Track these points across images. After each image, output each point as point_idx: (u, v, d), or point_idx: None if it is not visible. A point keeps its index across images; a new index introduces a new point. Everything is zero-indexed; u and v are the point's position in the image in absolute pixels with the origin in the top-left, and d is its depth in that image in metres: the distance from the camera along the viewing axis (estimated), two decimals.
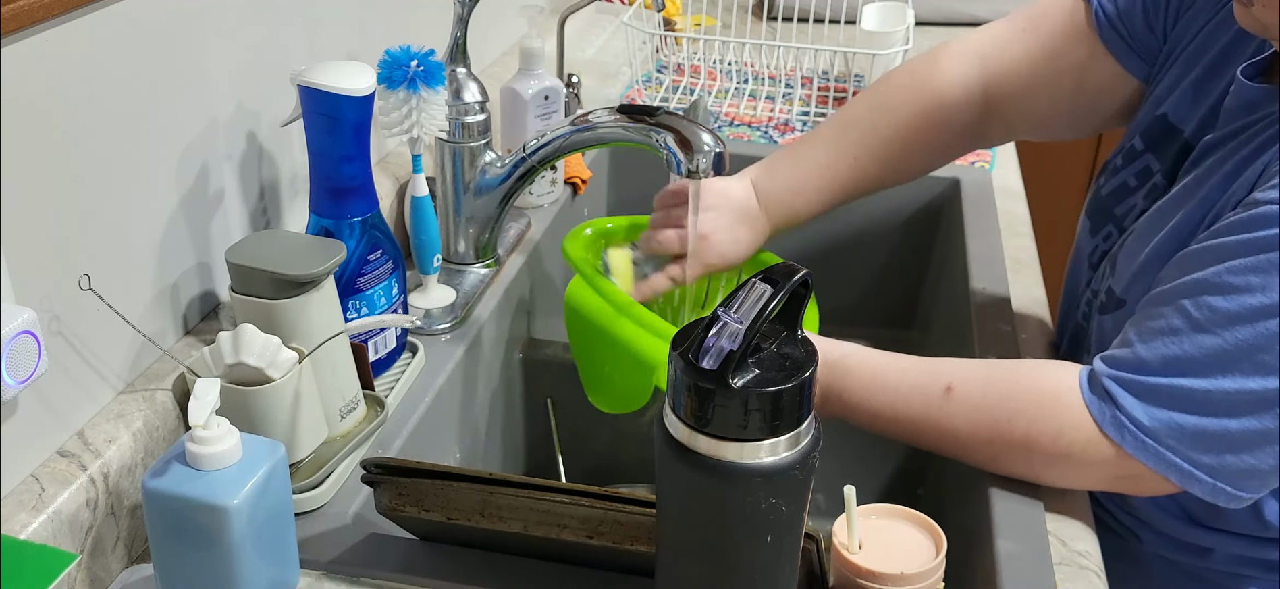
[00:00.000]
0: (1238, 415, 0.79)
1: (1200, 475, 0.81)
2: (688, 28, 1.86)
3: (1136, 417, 0.81)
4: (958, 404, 0.88)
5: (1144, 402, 0.81)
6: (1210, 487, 0.82)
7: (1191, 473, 0.81)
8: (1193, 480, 0.82)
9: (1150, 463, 0.82)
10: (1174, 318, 0.81)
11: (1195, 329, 0.80)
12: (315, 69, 0.91)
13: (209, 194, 0.95)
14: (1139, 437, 0.81)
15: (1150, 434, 0.81)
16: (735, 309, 0.59)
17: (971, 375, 0.89)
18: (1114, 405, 0.82)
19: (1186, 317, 0.81)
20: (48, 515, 0.74)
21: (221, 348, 0.80)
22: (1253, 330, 0.78)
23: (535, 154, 1.09)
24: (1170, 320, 0.82)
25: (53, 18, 0.75)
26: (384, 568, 0.80)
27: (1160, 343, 0.81)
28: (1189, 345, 0.80)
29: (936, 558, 0.74)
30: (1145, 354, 0.82)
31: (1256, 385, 0.78)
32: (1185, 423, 0.80)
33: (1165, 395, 0.81)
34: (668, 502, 0.65)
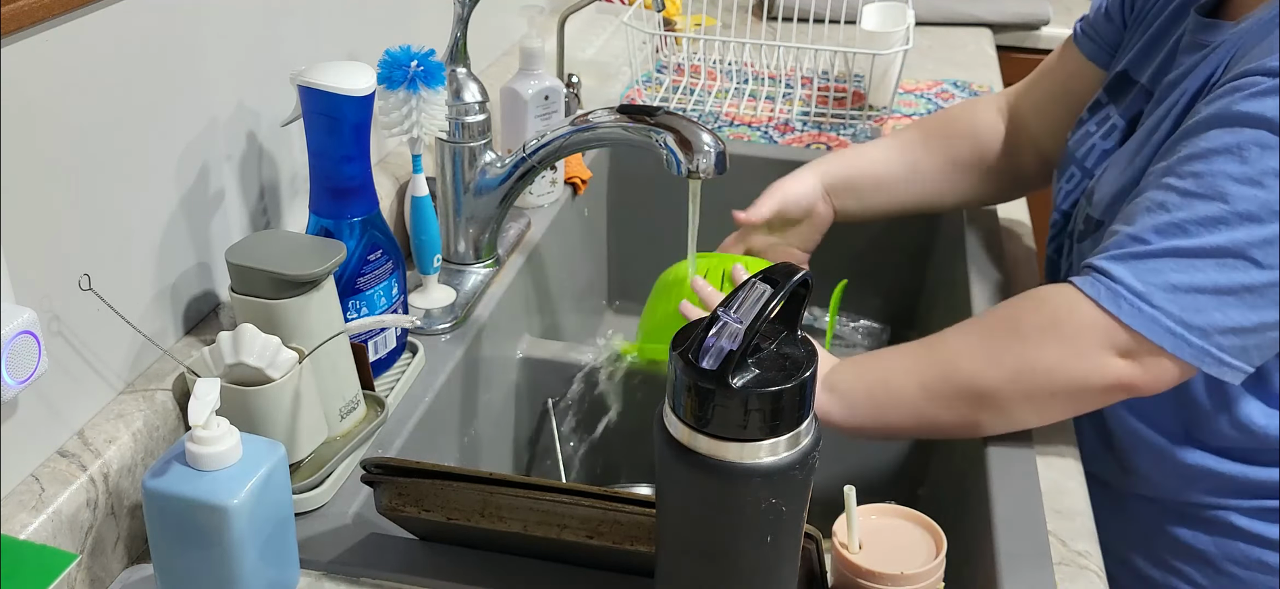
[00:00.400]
0: (1229, 268, 0.83)
1: (1191, 338, 0.84)
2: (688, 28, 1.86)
3: (1127, 281, 0.85)
4: (950, 335, 0.93)
5: (1138, 271, 0.85)
6: (1200, 350, 0.84)
7: (1182, 336, 0.84)
8: (1183, 344, 0.84)
9: (1143, 328, 0.84)
10: (1159, 194, 0.86)
11: (1182, 197, 0.85)
12: (315, 69, 0.91)
13: (209, 194, 0.95)
14: (1134, 303, 0.84)
15: (1144, 298, 0.84)
16: (735, 309, 0.59)
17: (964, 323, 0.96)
18: (1107, 278, 0.86)
19: (1171, 189, 0.86)
20: (48, 515, 0.74)
21: (221, 348, 0.80)
22: (1235, 182, 0.83)
23: (535, 154, 1.09)
24: (1155, 196, 0.86)
25: (53, 18, 0.75)
26: (384, 568, 0.80)
27: (1149, 217, 0.86)
28: (1178, 211, 0.84)
29: (936, 558, 0.74)
30: (1136, 230, 0.86)
31: (1242, 235, 0.82)
32: (1178, 281, 0.84)
33: (1158, 261, 0.84)
34: (668, 502, 0.65)
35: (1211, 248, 0.83)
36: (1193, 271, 0.84)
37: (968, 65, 1.85)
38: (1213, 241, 0.83)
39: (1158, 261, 0.84)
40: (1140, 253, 0.85)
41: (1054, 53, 1.24)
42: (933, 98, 1.70)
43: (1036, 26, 2.11)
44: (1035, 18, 2.09)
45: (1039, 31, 2.11)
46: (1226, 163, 0.83)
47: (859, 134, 1.56)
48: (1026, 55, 2.11)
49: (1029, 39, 2.12)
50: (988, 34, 2.04)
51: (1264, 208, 0.82)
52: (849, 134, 1.56)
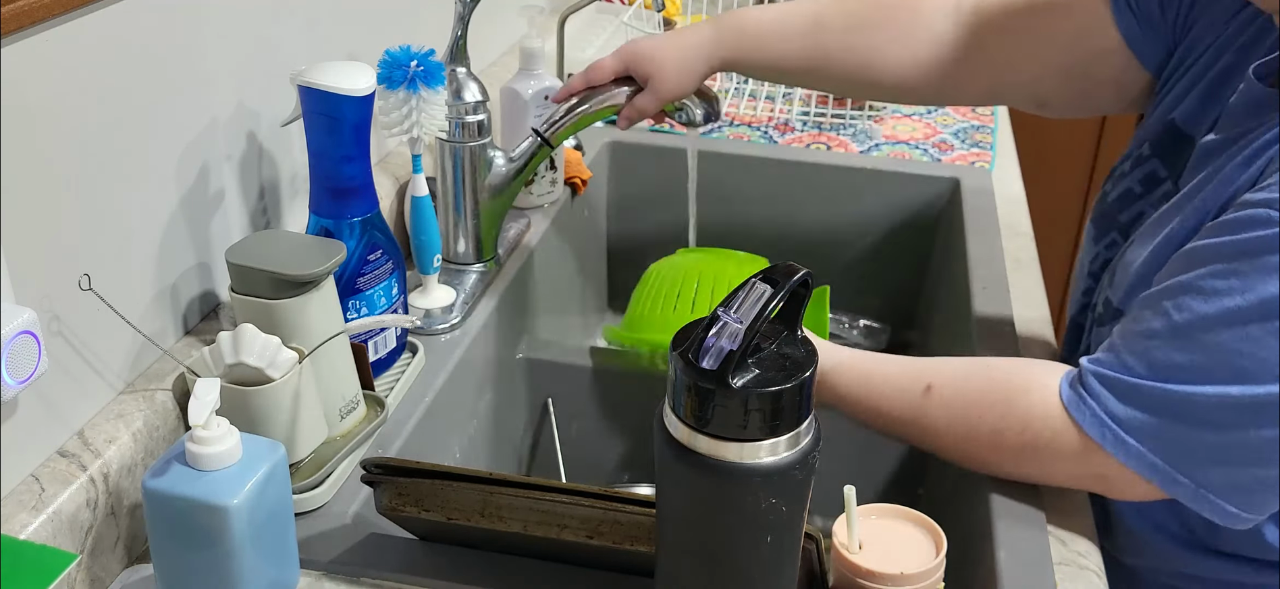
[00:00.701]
0: (1220, 426, 0.76)
1: (1182, 480, 0.79)
2: None
3: (1115, 412, 0.80)
4: (935, 403, 0.88)
5: (1124, 401, 0.79)
6: (1192, 492, 0.79)
7: (1173, 476, 0.79)
8: (1175, 484, 0.79)
9: (1129, 462, 0.79)
10: (1155, 321, 0.79)
11: (1174, 333, 0.78)
12: (315, 69, 0.91)
13: (209, 194, 0.95)
14: (1117, 434, 0.79)
15: (1130, 430, 0.79)
16: (735, 309, 0.59)
17: (951, 374, 0.90)
18: (1095, 401, 0.81)
19: (1167, 319, 0.78)
20: (48, 515, 0.74)
21: (221, 348, 0.80)
22: (1232, 334, 0.75)
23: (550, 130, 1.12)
24: (1151, 323, 0.79)
25: (53, 18, 0.75)
26: (384, 568, 0.80)
27: (1142, 345, 0.79)
28: (1171, 350, 0.78)
29: (936, 558, 0.74)
30: (1127, 357, 0.80)
31: (1236, 392, 0.75)
32: (1167, 429, 0.78)
33: (1146, 397, 0.79)
34: (668, 502, 0.65)
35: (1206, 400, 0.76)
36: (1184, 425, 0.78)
37: None
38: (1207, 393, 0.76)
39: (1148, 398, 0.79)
40: (1132, 386, 0.79)
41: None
42: None
43: None
44: None
45: None
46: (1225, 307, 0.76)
47: (859, 134, 1.56)
48: None
49: None
50: None
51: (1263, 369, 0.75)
52: (849, 134, 1.56)
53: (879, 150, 1.52)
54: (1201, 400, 0.76)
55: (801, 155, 1.50)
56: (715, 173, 1.49)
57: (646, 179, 1.52)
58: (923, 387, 0.89)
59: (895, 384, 0.91)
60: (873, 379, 0.92)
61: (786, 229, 1.46)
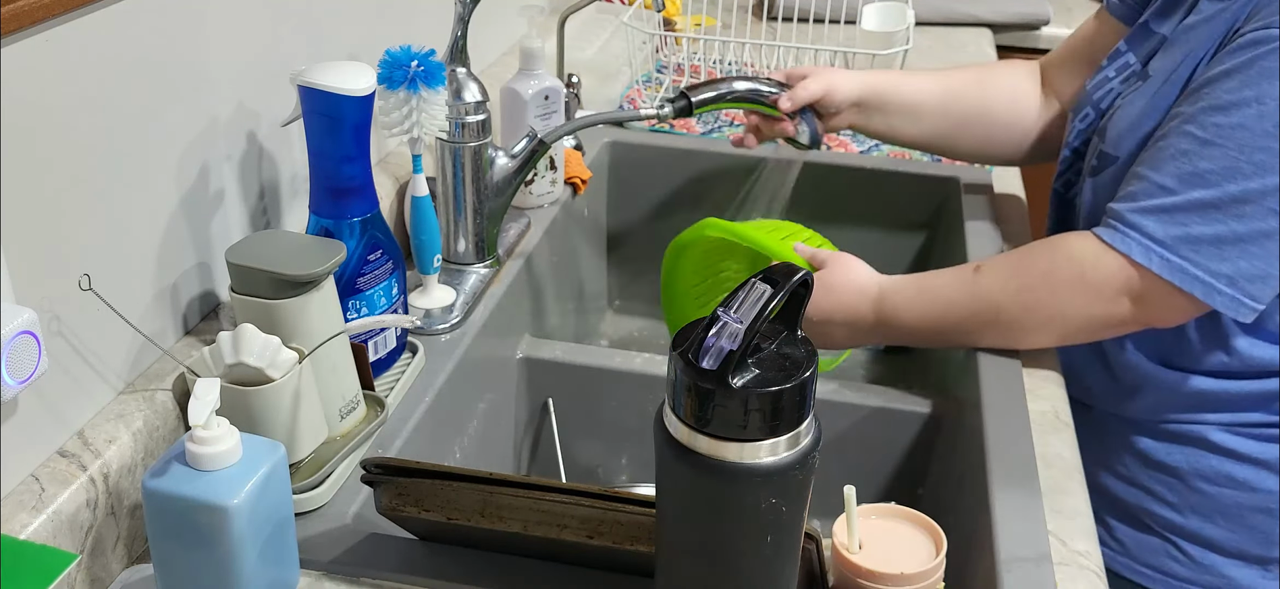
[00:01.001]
0: (1247, 217, 0.88)
1: (1219, 286, 0.90)
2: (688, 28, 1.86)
3: (1157, 235, 0.90)
4: (987, 273, 1.01)
5: (1163, 221, 0.90)
6: (1230, 298, 0.90)
7: (1211, 284, 0.90)
8: (1213, 292, 0.90)
9: (1175, 278, 0.90)
10: (1182, 142, 0.90)
11: (1202, 146, 0.89)
12: (315, 69, 0.91)
13: (209, 194, 0.95)
14: (1162, 254, 0.90)
15: (1171, 249, 0.90)
16: (735, 309, 0.59)
17: (999, 255, 1.03)
18: (1136, 231, 0.92)
19: (1193, 138, 0.90)
20: (48, 515, 0.74)
21: (221, 348, 0.80)
22: (1252, 138, 0.87)
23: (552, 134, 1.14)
24: (1177, 143, 0.91)
25: (53, 18, 0.75)
26: (384, 568, 0.80)
27: (1172, 164, 0.90)
28: (1200, 160, 0.89)
29: (936, 558, 0.74)
30: (1160, 179, 0.91)
31: (1256, 185, 0.87)
32: (1202, 232, 0.89)
33: (1182, 210, 0.89)
34: (668, 502, 0.65)
35: (1231, 196, 0.88)
36: (1215, 222, 0.89)
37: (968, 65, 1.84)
38: (1232, 190, 0.88)
39: (1183, 215, 0.89)
40: (1165, 205, 0.90)
41: (1087, 22, 1.25)
42: None
43: (1036, 26, 2.11)
44: (1035, 18, 2.09)
45: (1039, 31, 2.12)
46: (1244, 115, 0.87)
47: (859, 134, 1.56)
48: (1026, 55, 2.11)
49: (1029, 39, 2.12)
50: (988, 34, 2.04)
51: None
52: (849, 134, 1.56)
53: (879, 150, 1.52)
54: (1228, 198, 0.88)
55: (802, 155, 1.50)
56: (715, 173, 1.49)
57: (646, 179, 1.52)
58: (972, 268, 1.03)
59: (947, 278, 1.04)
60: (925, 283, 1.05)
61: None
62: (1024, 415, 0.99)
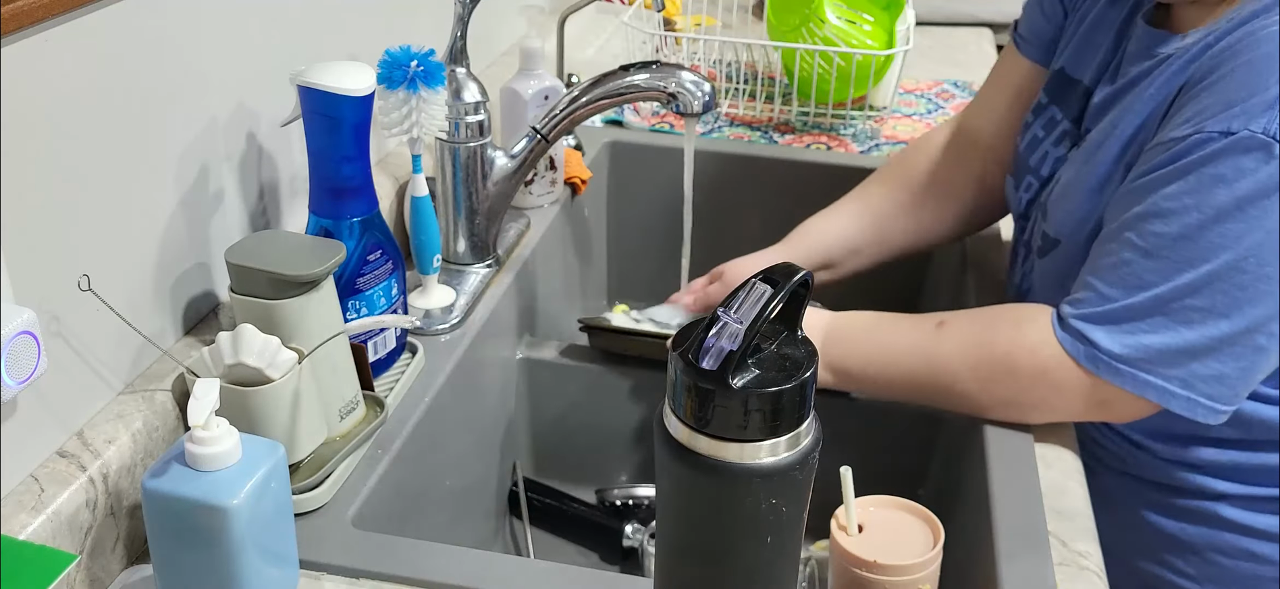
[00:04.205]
0: (1194, 324, 0.87)
1: (1174, 390, 0.88)
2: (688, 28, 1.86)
3: (1108, 347, 0.89)
4: (949, 333, 0.98)
5: (1111, 331, 0.89)
6: (1186, 400, 0.89)
7: (1166, 389, 0.88)
8: (1169, 396, 0.89)
9: (1128, 386, 0.89)
10: (1124, 252, 0.90)
11: (1145, 255, 0.88)
12: (315, 69, 0.91)
13: (209, 194, 0.95)
14: (1112, 364, 0.89)
15: (1122, 360, 0.89)
16: (735, 309, 0.59)
17: (961, 313, 1.01)
18: (1085, 341, 0.90)
19: (1134, 247, 0.89)
20: (47, 515, 0.74)
21: (221, 348, 0.80)
22: (1194, 245, 0.86)
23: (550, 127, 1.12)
24: (1120, 254, 0.90)
25: (53, 18, 0.75)
26: (384, 568, 0.80)
27: (1115, 275, 0.90)
28: (1141, 269, 0.88)
29: (934, 548, 0.74)
30: (1104, 289, 0.90)
31: (1204, 295, 0.86)
32: (1152, 342, 0.88)
33: (1128, 318, 0.89)
34: (667, 502, 0.64)
35: (1178, 309, 0.87)
36: (1165, 330, 0.88)
37: (968, 65, 1.85)
38: (1179, 304, 0.87)
39: (1129, 323, 0.89)
40: (1110, 312, 0.89)
41: (997, 61, 1.24)
42: (933, 98, 1.70)
43: None
44: None
45: None
46: (1185, 223, 0.86)
47: (859, 134, 1.56)
48: None
49: None
50: (988, 34, 2.04)
51: (1226, 266, 0.85)
52: (849, 134, 1.56)
53: (879, 150, 1.52)
54: (1176, 308, 0.87)
55: (801, 155, 1.50)
56: (715, 173, 1.49)
57: (646, 179, 1.52)
58: (935, 322, 0.99)
59: (904, 328, 1.00)
60: (879, 327, 1.02)
61: (787, 229, 1.46)
62: None
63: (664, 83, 1.07)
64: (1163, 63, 0.94)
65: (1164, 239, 0.87)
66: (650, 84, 1.08)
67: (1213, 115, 0.86)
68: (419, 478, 0.98)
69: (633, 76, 1.08)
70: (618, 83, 1.09)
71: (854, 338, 1.01)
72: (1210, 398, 0.88)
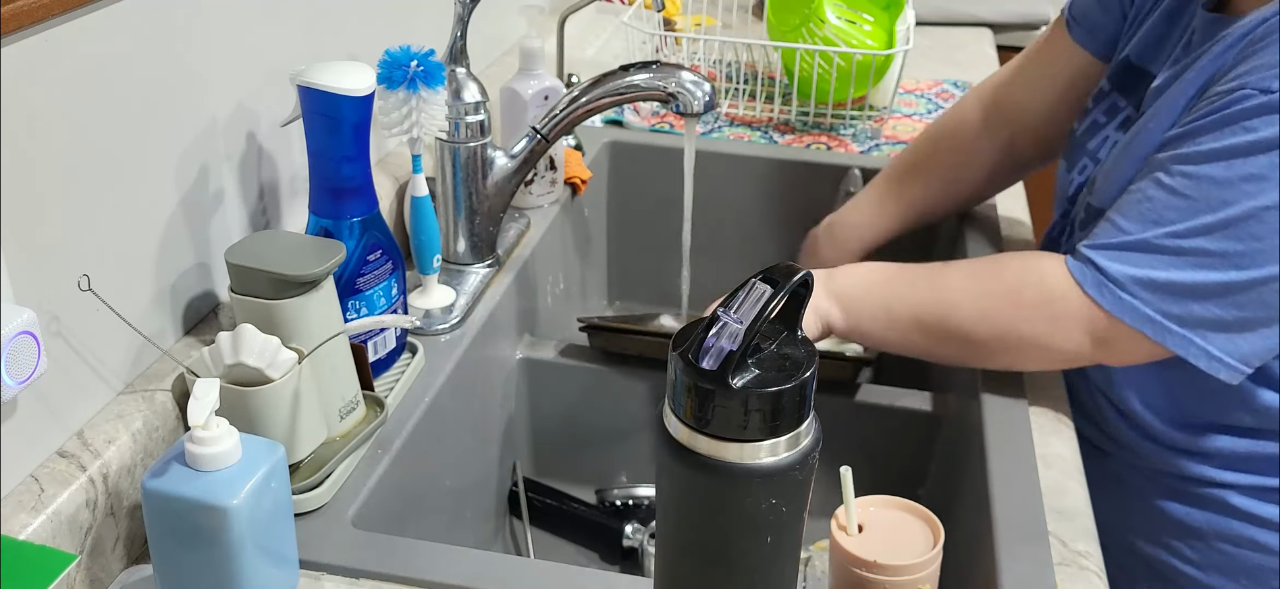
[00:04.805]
0: (1203, 266, 0.87)
1: (1171, 327, 0.89)
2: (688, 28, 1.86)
3: (1114, 272, 0.90)
4: (955, 266, 1.00)
5: (1121, 259, 0.90)
6: (1182, 339, 0.89)
7: (1165, 326, 0.89)
8: (1166, 333, 0.89)
9: (1127, 318, 0.90)
10: (1149, 189, 0.91)
11: (1169, 193, 0.89)
12: (315, 69, 0.91)
13: (209, 194, 0.95)
14: (1116, 293, 0.90)
15: (1125, 288, 0.90)
16: (735, 309, 0.59)
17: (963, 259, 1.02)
18: (1093, 267, 0.91)
19: (1159, 185, 0.90)
20: (47, 516, 0.74)
21: (221, 348, 0.80)
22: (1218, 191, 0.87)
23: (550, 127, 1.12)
24: (1146, 191, 0.91)
25: (53, 18, 0.75)
26: (384, 568, 0.80)
27: (1136, 210, 0.91)
28: (1162, 206, 0.89)
29: (934, 548, 0.74)
30: (1122, 222, 0.91)
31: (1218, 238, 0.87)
32: (1158, 276, 0.89)
33: (1141, 250, 0.89)
34: (667, 502, 0.64)
35: (1191, 248, 0.88)
36: (1172, 268, 0.88)
37: (968, 65, 1.85)
38: (1193, 243, 0.88)
39: (1139, 254, 0.89)
40: (1123, 243, 0.91)
41: (1041, 36, 1.25)
42: (933, 98, 1.70)
43: (1036, 26, 2.11)
44: (1035, 17, 2.09)
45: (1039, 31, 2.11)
46: (1213, 168, 0.87)
47: (859, 134, 1.56)
48: None
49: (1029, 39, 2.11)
50: (988, 34, 2.04)
51: (1245, 214, 0.86)
52: (849, 134, 1.56)
53: (879, 150, 1.52)
54: (1189, 246, 0.88)
55: (801, 155, 1.50)
56: (715, 173, 1.49)
57: (646, 179, 1.52)
58: (940, 265, 1.01)
59: (902, 278, 1.02)
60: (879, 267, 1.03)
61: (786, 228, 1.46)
62: (1024, 415, 0.99)
63: (664, 83, 1.07)
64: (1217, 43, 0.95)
65: (1189, 180, 0.88)
66: (650, 84, 1.08)
67: (1256, 73, 0.87)
68: (419, 478, 0.98)
69: (633, 76, 1.08)
70: (618, 83, 1.09)
71: (862, 285, 1.02)
72: (1208, 343, 0.89)
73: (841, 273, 1.04)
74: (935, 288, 1.00)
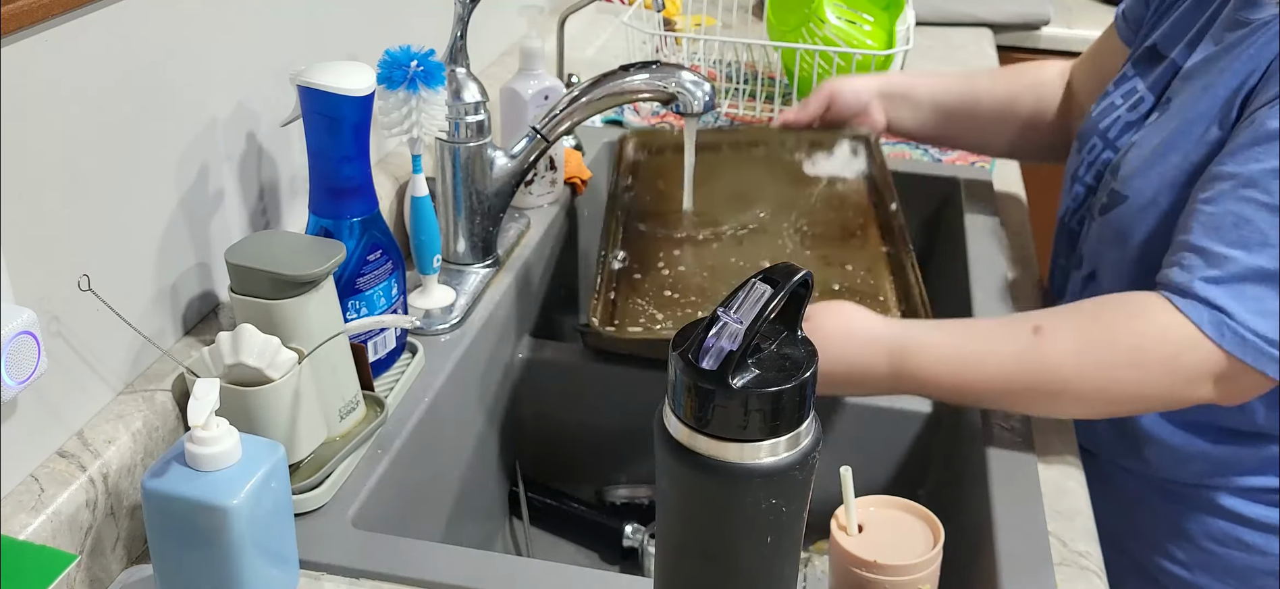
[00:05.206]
0: None
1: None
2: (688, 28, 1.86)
3: (1236, 313, 0.84)
4: (1052, 340, 0.88)
5: (1239, 295, 0.84)
6: None
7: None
8: None
9: (1250, 358, 0.84)
10: (1244, 209, 0.85)
11: (1268, 210, 0.83)
12: (315, 69, 0.91)
13: (209, 194, 0.95)
14: (1239, 332, 0.84)
15: (1262, 336, 0.83)
16: (735, 309, 0.59)
17: (1056, 313, 0.92)
18: (1214, 309, 0.84)
19: (1256, 204, 0.84)
20: (47, 516, 0.74)
21: (221, 348, 0.80)
22: None
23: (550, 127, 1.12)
24: (1241, 211, 0.85)
25: (53, 18, 0.75)
26: (384, 568, 0.80)
27: (1236, 233, 0.85)
28: (1265, 225, 0.83)
29: (934, 548, 0.74)
30: (1221, 249, 0.85)
31: None
32: (1267, 307, 0.83)
33: (1256, 281, 0.83)
34: (667, 502, 0.64)
35: None
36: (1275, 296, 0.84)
37: (968, 65, 1.85)
38: None
39: (1256, 287, 0.84)
40: (1237, 274, 0.84)
41: (1103, 32, 1.26)
42: None
43: (1037, 26, 2.11)
44: (1035, 18, 2.09)
45: (1039, 31, 2.12)
46: None
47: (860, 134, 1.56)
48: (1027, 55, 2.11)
49: (1029, 39, 2.12)
50: (988, 34, 2.04)
51: None
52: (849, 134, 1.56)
53: None
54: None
55: None
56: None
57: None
58: (1029, 328, 0.89)
59: (993, 336, 0.91)
60: (959, 338, 0.92)
61: None
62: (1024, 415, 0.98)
63: (664, 83, 1.07)
64: (1259, 28, 0.92)
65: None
66: (650, 84, 1.08)
67: None
68: (419, 478, 0.98)
69: (633, 76, 1.08)
70: (618, 83, 1.09)
71: (937, 354, 0.91)
72: None
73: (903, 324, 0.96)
74: (1035, 357, 0.89)
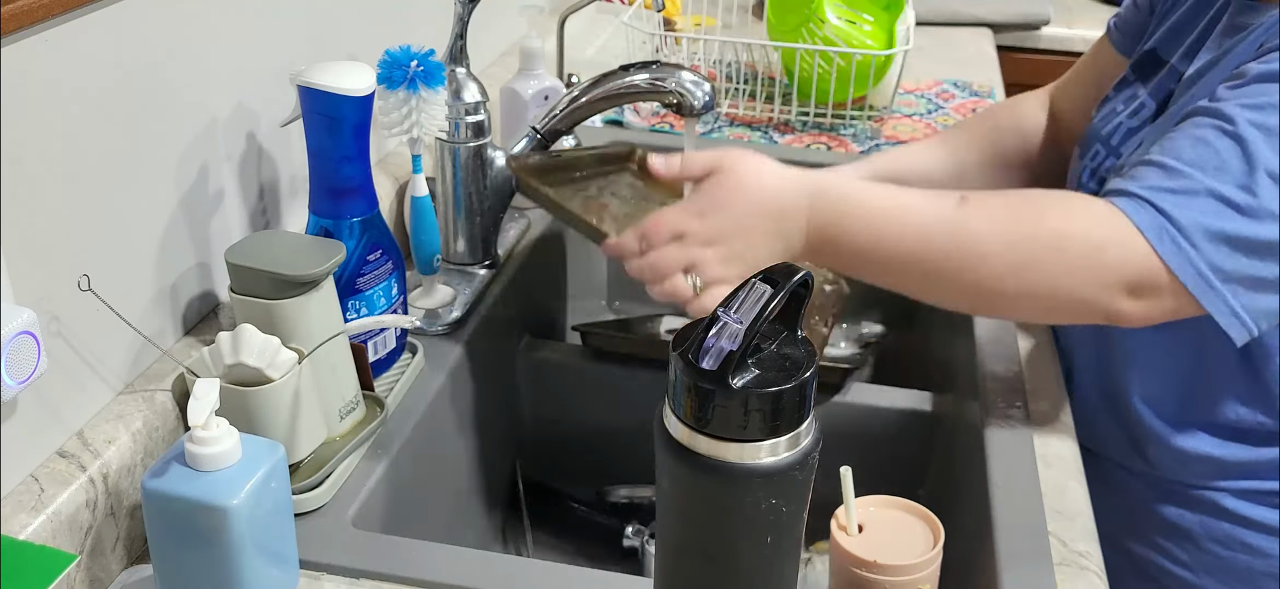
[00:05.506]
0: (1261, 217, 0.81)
1: (1216, 283, 0.82)
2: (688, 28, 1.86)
3: (1181, 220, 0.82)
4: (977, 208, 0.86)
5: (1187, 207, 0.82)
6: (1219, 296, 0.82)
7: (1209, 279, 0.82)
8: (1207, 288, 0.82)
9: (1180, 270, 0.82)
10: (1206, 134, 0.84)
11: (1232, 139, 0.82)
12: (315, 69, 0.91)
13: (209, 194, 0.95)
14: (1177, 242, 0.82)
15: (1192, 238, 0.82)
16: (735, 309, 0.59)
17: (990, 192, 0.89)
18: (1157, 211, 0.82)
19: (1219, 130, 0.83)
20: (47, 516, 0.74)
21: (221, 348, 0.80)
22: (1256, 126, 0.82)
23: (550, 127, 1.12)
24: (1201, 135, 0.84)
25: (53, 18, 0.75)
26: (384, 568, 0.80)
27: (1194, 152, 0.83)
28: (1225, 151, 0.82)
29: (934, 548, 0.74)
30: (1174, 163, 0.84)
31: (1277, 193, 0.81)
32: (1227, 228, 0.82)
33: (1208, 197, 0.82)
34: (667, 502, 0.64)
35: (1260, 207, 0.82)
36: (1239, 221, 0.82)
37: (968, 65, 1.85)
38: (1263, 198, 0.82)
39: (1207, 202, 0.82)
40: (1187, 188, 0.82)
41: (1090, 48, 1.25)
42: (933, 98, 1.70)
43: (1036, 26, 2.11)
44: (1035, 18, 2.09)
45: (1039, 31, 2.12)
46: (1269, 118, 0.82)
47: (859, 134, 1.56)
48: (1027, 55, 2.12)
49: (1029, 39, 2.12)
50: (988, 34, 2.04)
51: None
52: (849, 134, 1.56)
53: (879, 150, 1.52)
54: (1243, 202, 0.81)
55: (801, 155, 1.50)
56: None
57: None
58: (955, 199, 0.87)
59: (918, 199, 0.88)
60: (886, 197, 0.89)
61: None
62: (1024, 414, 0.99)
63: (664, 83, 1.07)
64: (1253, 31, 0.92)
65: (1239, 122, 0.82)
66: (650, 84, 1.08)
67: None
68: (419, 478, 0.98)
69: (633, 76, 1.08)
70: (618, 83, 1.09)
71: (856, 198, 0.88)
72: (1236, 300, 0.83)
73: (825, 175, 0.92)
74: (956, 221, 0.86)
